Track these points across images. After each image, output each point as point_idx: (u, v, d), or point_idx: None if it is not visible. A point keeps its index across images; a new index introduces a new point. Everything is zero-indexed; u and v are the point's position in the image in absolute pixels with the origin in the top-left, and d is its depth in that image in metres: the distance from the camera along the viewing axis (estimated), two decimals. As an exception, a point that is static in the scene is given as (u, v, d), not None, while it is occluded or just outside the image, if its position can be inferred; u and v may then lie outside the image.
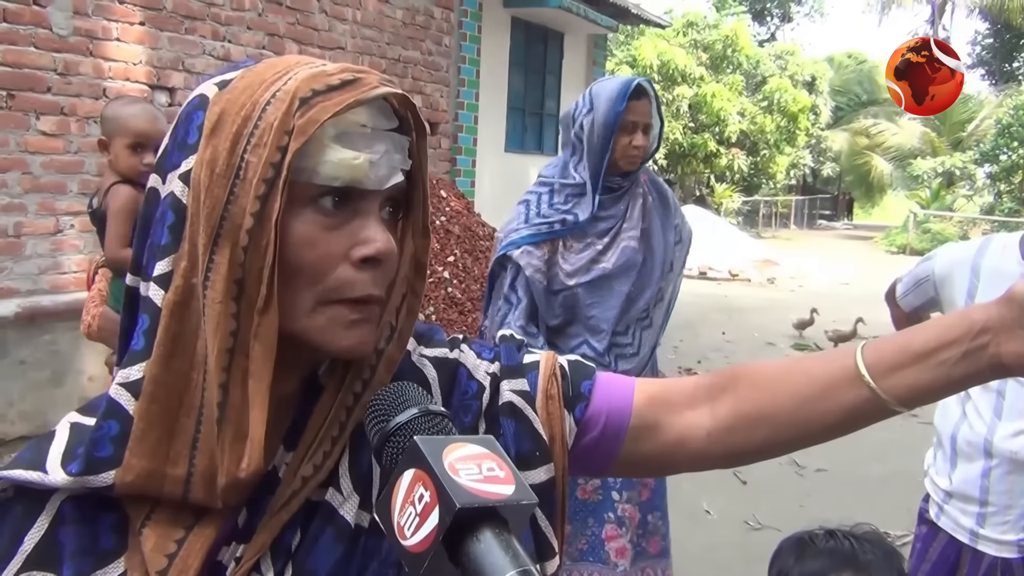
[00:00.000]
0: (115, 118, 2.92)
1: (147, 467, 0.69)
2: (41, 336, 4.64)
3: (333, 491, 0.75)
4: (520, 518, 0.61)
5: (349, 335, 0.71)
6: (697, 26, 23.29)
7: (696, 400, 0.85)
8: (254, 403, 0.68)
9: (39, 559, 0.71)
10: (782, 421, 0.80)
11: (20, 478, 0.72)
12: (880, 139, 27.76)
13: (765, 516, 4.52)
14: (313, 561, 0.72)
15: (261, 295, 0.68)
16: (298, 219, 0.69)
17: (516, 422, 0.82)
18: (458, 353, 0.86)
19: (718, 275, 15.58)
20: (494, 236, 2.74)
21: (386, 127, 0.73)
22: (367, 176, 0.71)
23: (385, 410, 0.69)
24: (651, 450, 0.85)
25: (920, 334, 0.77)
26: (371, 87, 0.71)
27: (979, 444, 2.00)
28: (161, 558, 0.69)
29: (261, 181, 0.67)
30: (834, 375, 0.77)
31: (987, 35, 35.38)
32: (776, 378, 0.82)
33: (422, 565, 0.59)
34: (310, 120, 0.67)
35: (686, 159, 22.26)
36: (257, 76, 0.71)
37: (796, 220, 30.03)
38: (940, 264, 2.15)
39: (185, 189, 0.69)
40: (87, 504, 0.71)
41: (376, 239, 0.71)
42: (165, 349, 0.69)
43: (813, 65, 26.05)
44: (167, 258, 0.70)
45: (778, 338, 9.87)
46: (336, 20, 6.66)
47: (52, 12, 4.62)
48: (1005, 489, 1.98)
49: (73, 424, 0.75)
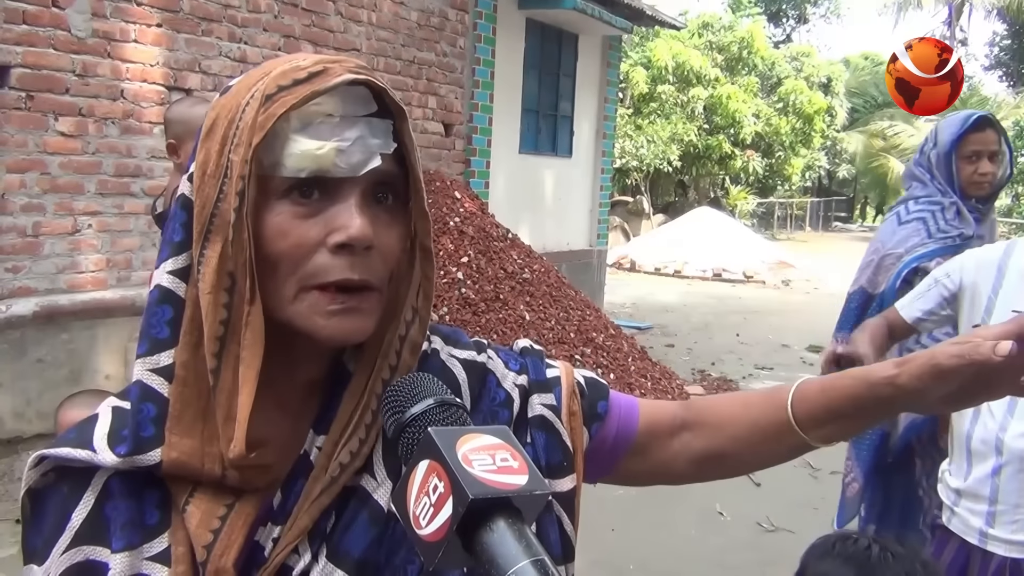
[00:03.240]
0: (185, 120, 2.84)
1: (189, 444, 0.73)
2: (59, 335, 4.67)
3: (368, 477, 0.77)
4: (534, 508, 0.62)
5: (331, 323, 0.73)
6: (712, 27, 23.22)
7: (675, 430, 0.94)
8: (243, 388, 0.72)
9: (88, 533, 0.74)
10: (741, 460, 0.95)
11: (69, 455, 0.75)
12: (896, 141, 27.54)
13: (779, 518, 4.50)
14: (348, 543, 0.75)
15: (247, 286, 0.72)
16: (271, 212, 0.73)
17: (547, 435, 0.86)
18: (486, 358, 0.89)
19: (733, 277, 15.53)
20: (872, 253, 3.05)
21: (361, 113, 0.74)
22: (334, 164, 0.72)
23: (401, 401, 0.70)
24: (639, 469, 0.95)
25: (840, 392, 0.86)
26: (334, 76, 0.72)
27: (991, 442, 2.01)
28: (207, 533, 0.72)
29: (239, 178, 0.71)
30: (774, 425, 0.90)
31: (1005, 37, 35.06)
32: (729, 422, 0.93)
33: (437, 554, 0.59)
34: (269, 115, 0.71)
35: (700, 161, 22.18)
36: (247, 80, 0.75)
37: (811, 222, 29.87)
38: (966, 263, 2.16)
39: (191, 188, 0.74)
40: (132, 481, 0.75)
41: (349, 225, 0.72)
42: (191, 337, 0.73)
43: (829, 67, 25.91)
44: (183, 253, 0.74)
45: (792, 340, 9.82)
46: (351, 22, 6.68)
47: (71, 14, 4.66)
48: (1015, 488, 1.98)
49: (114, 407, 0.79)
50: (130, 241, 5.10)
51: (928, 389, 0.80)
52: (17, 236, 4.52)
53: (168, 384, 0.73)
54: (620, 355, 6.96)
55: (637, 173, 21.24)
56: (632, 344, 7.42)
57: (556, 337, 6.62)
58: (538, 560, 0.57)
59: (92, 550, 0.74)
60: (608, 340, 7.07)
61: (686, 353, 8.94)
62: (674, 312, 11.68)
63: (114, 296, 4.95)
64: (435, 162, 7.59)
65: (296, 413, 0.79)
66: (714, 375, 7.94)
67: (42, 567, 0.74)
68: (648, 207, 21.55)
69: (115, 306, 4.91)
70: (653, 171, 21.02)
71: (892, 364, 0.83)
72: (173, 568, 0.72)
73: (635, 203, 21.37)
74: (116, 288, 5.00)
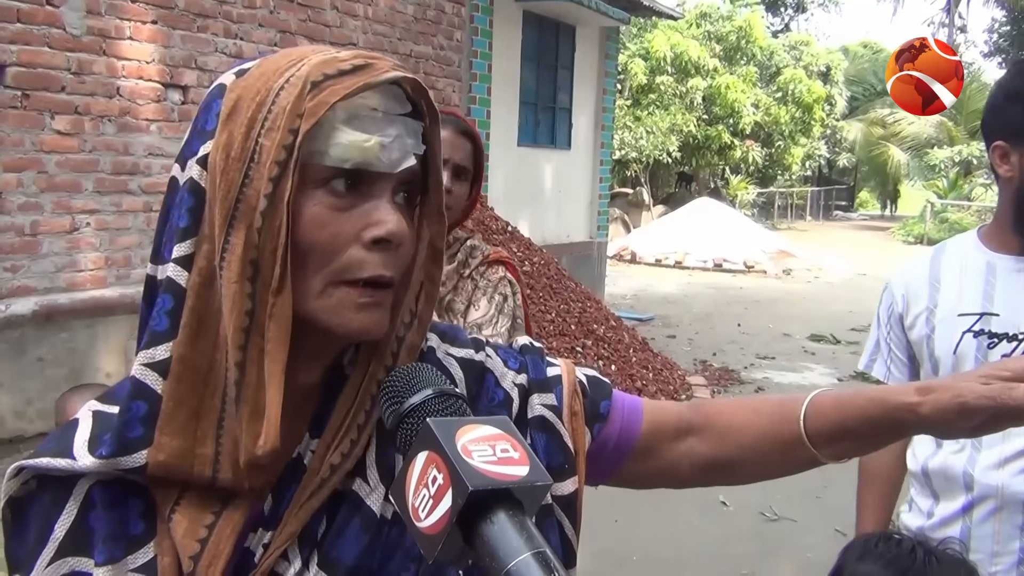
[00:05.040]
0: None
1: (178, 446, 0.70)
2: (58, 334, 4.67)
3: (360, 481, 0.75)
4: (535, 500, 0.61)
5: (358, 317, 0.72)
6: (710, 17, 23.15)
7: (680, 434, 0.91)
8: (270, 382, 0.69)
9: (72, 545, 0.72)
10: (748, 469, 0.92)
11: (48, 465, 0.72)
12: (896, 129, 27.51)
13: (782, 507, 4.50)
14: (339, 550, 0.73)
15: (275, 275, 0.68)
16: (310, 200, 0.70)
17: (548, 436, 0.84)
18: (484, 357, 0.87)
19: (734, 267, 15.52)
20: None
21: (398, 112, 0.73)
22: (378, 159, 0.71)
23: (399, 391, 0.69)
24: (642, 472, 0.92)
25: (856, 411, 0.83)
26: (382, 71, 0.71)
27: (957, 478, 1.65)
28: (193, 543, 0.70)
29: (274, 164, 0.68)
30: (784, 437, 0.86)
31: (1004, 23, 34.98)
32: (738, 429, 0.90)
33: (436, 547, 0.58)
34: (320, 102, 0.68)
35: (700, 151, 22.15)
36: (272, 64, 0.73)
37: (812, 211, 29.85)
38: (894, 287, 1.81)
39: (203, 173, 0.70)
40: (115, 490, 0.72)
41: (387, 220, 0.71)
42: (191, 329, 0.70)
43: (828, 55, 25.82)
44: (188, 240, 0.70)
45: (794, 329, 9.82)
46: (347, 16, 6.66)
47: (65, 12, 4.64)
48: (990, 532, 1.62)
49: (96, 412, 0.76)
50: (128, 239, 5.09)
51: (952, 422, 0.77)
52: (15, 235, 4.52)
53: (163, 380, 0.70)
54: (621, 347, 6.96)
55: (637, 164, 21.22)
56: (633, 335, 7.42)
57: (557, 329, 6.61)
58: (540, 552, 0.56)
59: (77, 561, 0.72)
60: (609, 332, 7.07)
61: (687, 344, 8.94)
62: (675, 303, 11.68)
63: (113, 294, 4.94)
64: (434, 156, 7.57)
65: (292, 417, 0.75)
66: (716, 365, 7.94)
67: None
68: (648, 198, 21.54)
69: (114, 304, 4.90)
70: (653, 162, 20.99)
71: (914, 390, 0.79)
72: None
73: (635, 195, 21.35)
74: (115, 286, 4.99)
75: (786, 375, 7.81)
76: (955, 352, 1.67)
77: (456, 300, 2.03)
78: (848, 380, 7.52)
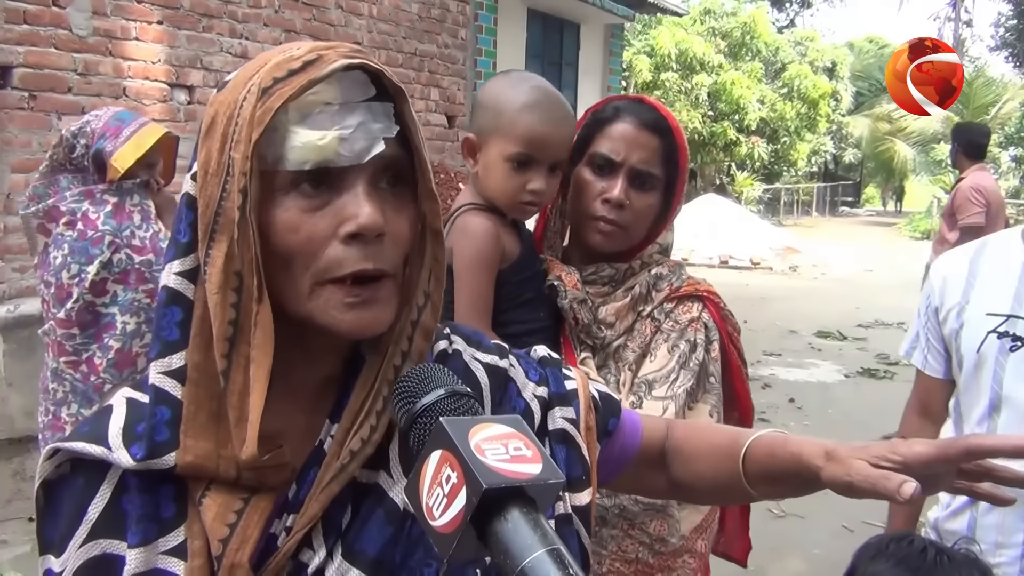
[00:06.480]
0: None
1: (203, 447, 0.72)
2: (67, 334, 4.68)
3: (384, 474, 0.77)
4: (548, 497, 0.61)
5: (347, 318, 0.72)
6: (715, 13, 23.09)
7: (660, 457, 1.01)
8: (254, 388, 0.70)
9: (104, 527, 0.74)
10: (704, 493, 1.06)
11: (84, 451, 0.74)
12: (902, 124, 27.40)
13: (789, 504, 4.48)
14: (363, 541, 0.74)
15: (254, 285, 0.70)
16: (280, 207, 0.71)
17: (568, 448, 0.87)
18: (508, 365, 0.89)
19: (739, 264, 15.48)
20: None
21: (360, 98, 0.72)
22: (337, 153, 0.71)
23: (412, 392, 0.69)
24: (626, 486, 1.05)
25: (779, 462, 0.92)
26: (328, 63, 0.70)
27: None
28: (223, 528, 0.72)
29: (241, 175, 0.69)
30: (728, 473, 0.95)
31: (1010, 17, 34.80)
32: (698, 458, 0.99)
33: (451, 545, 0.59)
34: (267, 109, 0.69)
35: (706, 148, 22.09)
36: (244, 73, 0.73)
37: (818, 207, 29.74)
38: (933, 279, 1.83)
39: (195, 187, 0.73)
40: (149, 474, 0.74)
41: (359, 214, 0.71)
42: (202, 339, 0.72)
43: (833, 51, 25.75)
44: (191, 255, 0.73)
45: (800, 325, 9.80)
46: (352, 15, 6.67)
47: (72, 13, 4.65)
48: (994, 523, 1.64)
49: (129, 399, 0.78)
50: (136, 239, 5.10)
51: (841, 493, 0.84)
52: (23, 236, 4.53)
53: (181, 387, 0.72)
54: (628, 344, 6.93)
55: (641, 161, 21.14)
56: (640, 333, 7.38)
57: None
58: (554, 549, 0.56)
59: (109, 543, 0.73)
60: (616, 329, 7.04)
61: (694, 341, 8.91)
62: (681, 300, 11.62)
63: (121, 294, 4.95)
64: (439, 154, 7.57)
65: (313, 407, 0.78)
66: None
67: (59, 559, 0.74)
68: (653, 195, 21.46)
69: (123, 304, 4.91)
70: (658, 159, 20.91)
71: (824, 454, 0.85)
72: (189, 562, 0.72)
73: (640, 192, 21.28)
74: (123, 286, 5.00)
75: (793, 371, 7.80)
76: (978, 351, 1.67)
77: (628, 347, 1.52)
78: (855, 376, 7.50)
